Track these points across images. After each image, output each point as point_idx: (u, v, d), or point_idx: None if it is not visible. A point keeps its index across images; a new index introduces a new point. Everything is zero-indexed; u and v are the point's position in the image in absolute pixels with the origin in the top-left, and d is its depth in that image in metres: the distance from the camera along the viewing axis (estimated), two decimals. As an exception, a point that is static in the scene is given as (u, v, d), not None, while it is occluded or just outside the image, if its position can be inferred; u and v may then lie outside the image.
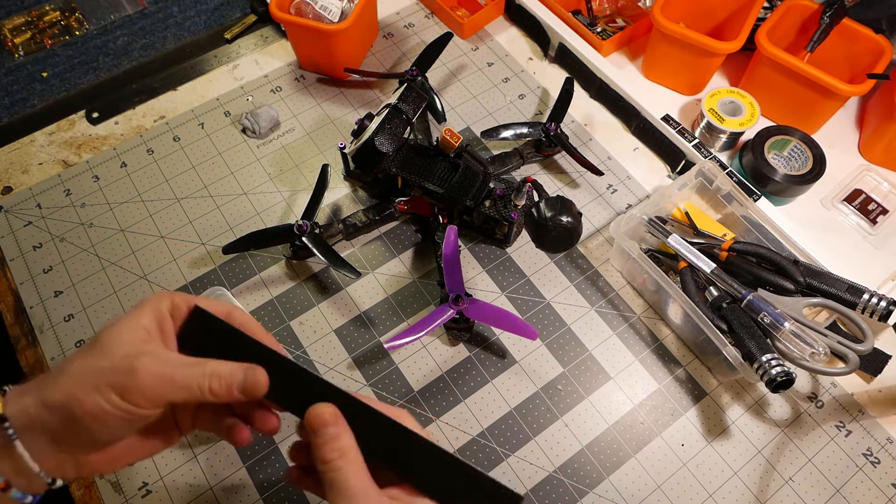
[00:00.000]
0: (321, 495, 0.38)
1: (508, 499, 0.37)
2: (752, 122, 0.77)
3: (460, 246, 0.70)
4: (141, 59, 0.90)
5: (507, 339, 0.67)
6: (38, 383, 0.36)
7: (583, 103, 0.84)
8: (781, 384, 0.55)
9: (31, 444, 0.35)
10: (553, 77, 0.86)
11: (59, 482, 0.36)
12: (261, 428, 0.40)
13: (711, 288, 0.63)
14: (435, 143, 0.67)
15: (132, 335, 0.36)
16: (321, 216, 0.73)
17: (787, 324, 0.57)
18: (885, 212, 0.75)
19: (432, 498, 0.37)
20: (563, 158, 0.79)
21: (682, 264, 0.64)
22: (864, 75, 0.74)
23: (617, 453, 0.61)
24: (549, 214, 0.68)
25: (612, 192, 0.76)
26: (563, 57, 0.85)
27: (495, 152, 0.78)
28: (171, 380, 0.35)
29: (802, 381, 0.65)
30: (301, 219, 0.66)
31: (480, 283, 0.70)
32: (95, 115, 0.81)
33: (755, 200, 0.71)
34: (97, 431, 0.35)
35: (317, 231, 0.66)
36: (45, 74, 0.88)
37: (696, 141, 0.76)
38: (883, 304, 0.58)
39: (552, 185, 0.77)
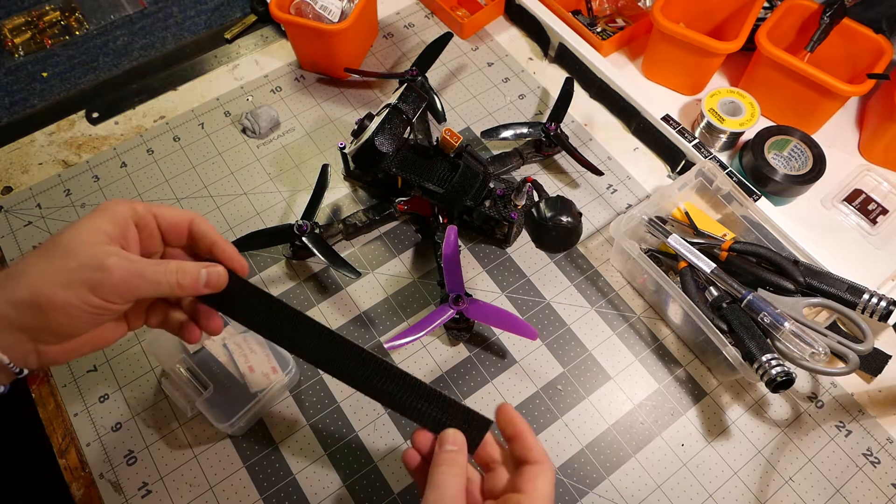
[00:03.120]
0: (420, 488, 0.43)
1: (480, 422, 0.44)
2: (752, 122, 0.77)
3: (460, 246, 0.70)
4: (141, 59, 0.90)
5: (507, 339, 0.67)
6: None
7: (583, 103, 0.84)
8: (781, 384, 0.55)
9: None
10: (553, 77, 0.86)
11: (25, 371, 0.39)
12: (206, 327, 0.45)
13: (711, 288, 0.63)
14: (435, 143, 0.67)
15: (93, 236, 0.38)
16: (321, 216, 0.73)
17: (787, 324, 0.57)
18: (885, 212, 0.75)
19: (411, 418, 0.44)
20: (563, 158, 0.79)
21: (682, 264, 0.64)
22: (864, 75, 0.74)
23: (617, 453, 0.61)
24: (549, 214, 0.68)
25: (612, 192, 0.76)
26: (563, 57, 0.85)
27: (495, 152, 0.78)
28: (141, 275, 0.38)
29: (802, 381, 0.65)
30: (301, 219, 0.66)
31: (480, 283, 0.70)
32: (95, 115, 0.81)
33: (755, 200, 0.71)
34: (66, 325, 0.38)
35: (317, 231, 0.66)
36: (45, 74, 0.88)
37: (696, 141, 0.76)
38: (883, 304, 0.58)
39: (552, 185, 0.77)
